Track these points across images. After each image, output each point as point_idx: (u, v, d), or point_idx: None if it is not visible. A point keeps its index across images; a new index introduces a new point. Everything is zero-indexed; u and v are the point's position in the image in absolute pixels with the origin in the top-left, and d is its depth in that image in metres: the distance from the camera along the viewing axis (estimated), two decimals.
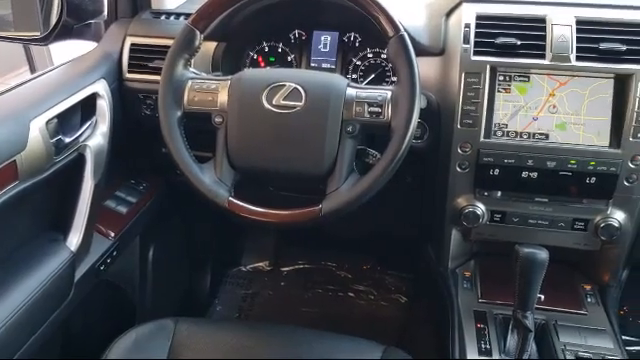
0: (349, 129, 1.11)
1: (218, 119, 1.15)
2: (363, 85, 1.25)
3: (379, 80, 1.44)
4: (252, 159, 1.14)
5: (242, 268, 2.20)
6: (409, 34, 1.12)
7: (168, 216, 1.79)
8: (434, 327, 1.57)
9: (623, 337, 1.81)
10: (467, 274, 1.42)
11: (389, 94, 1.11)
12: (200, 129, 1.14)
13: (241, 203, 1.13)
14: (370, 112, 1.11)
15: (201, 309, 2.00)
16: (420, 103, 1.11)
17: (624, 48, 1.19)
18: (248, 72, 1.19)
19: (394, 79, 1.36)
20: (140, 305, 1.69)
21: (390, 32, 1.10)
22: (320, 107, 1.11)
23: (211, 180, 1.14)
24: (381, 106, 1.10)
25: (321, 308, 2.03)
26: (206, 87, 1.16)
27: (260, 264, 2.21)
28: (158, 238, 1.73)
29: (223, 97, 1.15)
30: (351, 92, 1.13)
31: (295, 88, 1.12)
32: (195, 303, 2.00)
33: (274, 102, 1.12)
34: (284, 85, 1.13)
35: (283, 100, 1.12)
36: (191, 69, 1.20)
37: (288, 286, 2.13)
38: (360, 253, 2.20)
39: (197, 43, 1.18)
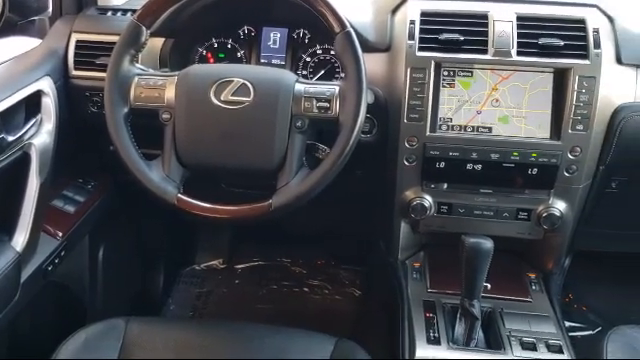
0: (298, 124, 1.12)
1: (165, 115, 1.14)
2: (312, 81, 1.27)
3: (329, 76, 1.46)
4: (201, 155, 1.14)
5: (196, 267, 2.19)
6: (355, 30, 1.14)
7: (118, 215, 1.77)
8: (387, 318, 1.60)
9: (569, 323, 1.89)
10: (417, 265, 1.45)
11: (337, 89, 1.13)
12: (148, 126, 1.14)
13: (190, 200, 1.13)
14: (319, 107, 1.12)
15: (154, 309, 1.98)
16: (367, 98, 1.13)
17: (562, 43, 1.23)
18: (196, 67, 1.19)
19: (343, 75, 1.38)
20: (90, 306, 1.66)
21: (336, 28, 1.12)
22: (269, 102, 1.12)
23: (159, 177, 1.13)
24: (329, 101, 1.12)
25: (276, 304, 2.03)
26: (153, 83, 1.15)
27: (214, 262, 2.19)
28: (108, 237, 1.71)
29: (170, 93, 1.14)
30: (299, 87, 1.14)
31: (243, 84, 1.12)
32: (148, 303, 1.98)
33: (222, 98, 1.12)
34: (232, 80, 1.13)
35: (231, 96, 1.12)
36: (138, 65, 1.20)
37: (242, 283, 2.12)
38: (314, 248, 2.21)
39: (143, 39, 1.17)
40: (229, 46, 1.49)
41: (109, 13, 1.49)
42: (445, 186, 1.33)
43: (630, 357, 1.16)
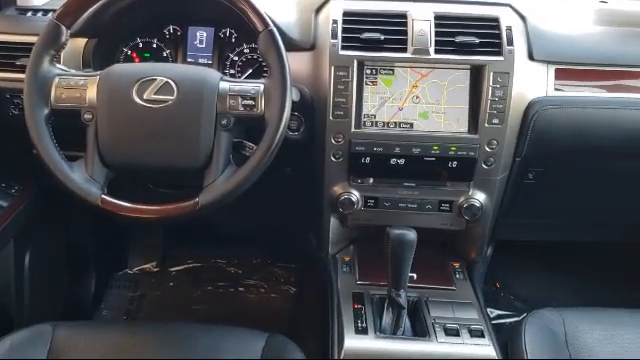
0: (224, 122, 1.13)
1: (87, 116, 1.13)
2: (237, 79, 1.28)
3: (257, 75, 1.46)
4: (124, 155, 1.14)
5: (128, 271, 2.15)
6: (280, 29, 1.16)
7: (45, 219, 1.73)
8: (320, 313, 1.62)
9: (497, 311, 1.97)
10: (347, 258, 1.48)
11: (262, 87, 1.15)
12: (70, 127, 1.12)
13: (114, 200, 1.12)
14: (244, 105, 1.14)
15: (86, 315, 1.94)
16: (293, 95, 1.16)
17: (477, 41, 1.28)
18: (117, 67, 1.18)
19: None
20: (17, 313, 1.61)
21: (259, 27, 1.14)
22: (193, 101, 1.13)
23: (82, 178, 1.12)
24: (254, 99, 1.14)
25: (211, 305, 2.03)
26: (74, 83, 1.14)
27: (147, 265, 2.16)
28: (35, 242, 1.66)
29: (92, 93, 1.13)
30: (224, 86, 1.15)
31: (167, 82, 1.13)
32: (79, 309, 1.94)
33: (145, 97, 1.12)
34: (155, 79, 1.13)
35: (154, 94, 1.12)
36: (59, 66, 1.18)
37: (177, 286, 2.11)
38: (249, 248, 2.22)
39: (63, 39, 1.16)
40: (155, 46, 1.48)
41: (29, 13, 1.46)
42: (371, 180, 1.37)
43: (546, 337, 1.23)
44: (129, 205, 1.12)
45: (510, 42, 1.28)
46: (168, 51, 1.48)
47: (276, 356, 1.18)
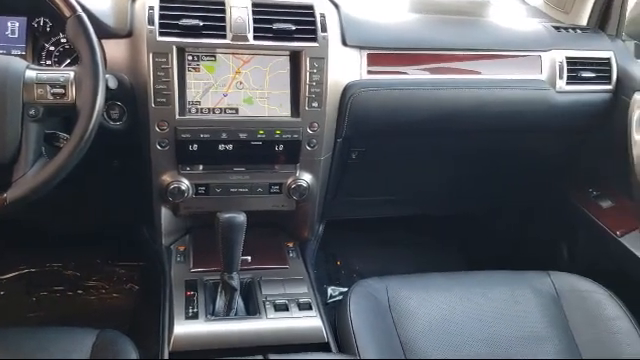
0: (31, 112, 1.09)
1: None
2: (45, 67, 1.23)
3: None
4: None
5: None
6: (92, 15, 1.13)
7: None
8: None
9: (339, 289, 2.05)
10: (181, 248, 1.48)
11: (72, 75, 1.11)
12: None
13: None
14: (53, 94, 1.10)
15: None
16: (109, 83, 1.13)
17: (294, 28, 1.32)
18: None
19: None
20: None
21: (67, 13, 1.11)
22: None
23: None
24: (64, 87, 1.10)
25: (48, 311, 1.92)
26: None
27: None
28: None
29: None
30: (30, 74, 1.10)
31: None
32: None
33: None
34: None
35: None
36: None
37: (8, 294, 1.96)
38: (88, 249, 2.12)
39: None
40: None
41: None
42: (201, 167, 1.38)
43: (370, 304, 1.31)
44: None
45: (324, 29, 1.34)
46: None
47: (107, 350, 1.15)
